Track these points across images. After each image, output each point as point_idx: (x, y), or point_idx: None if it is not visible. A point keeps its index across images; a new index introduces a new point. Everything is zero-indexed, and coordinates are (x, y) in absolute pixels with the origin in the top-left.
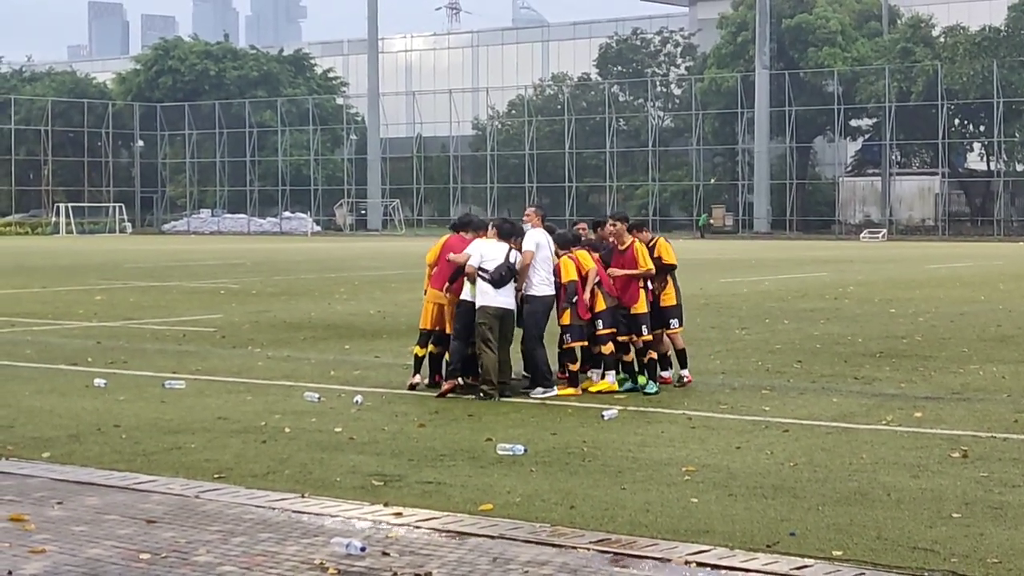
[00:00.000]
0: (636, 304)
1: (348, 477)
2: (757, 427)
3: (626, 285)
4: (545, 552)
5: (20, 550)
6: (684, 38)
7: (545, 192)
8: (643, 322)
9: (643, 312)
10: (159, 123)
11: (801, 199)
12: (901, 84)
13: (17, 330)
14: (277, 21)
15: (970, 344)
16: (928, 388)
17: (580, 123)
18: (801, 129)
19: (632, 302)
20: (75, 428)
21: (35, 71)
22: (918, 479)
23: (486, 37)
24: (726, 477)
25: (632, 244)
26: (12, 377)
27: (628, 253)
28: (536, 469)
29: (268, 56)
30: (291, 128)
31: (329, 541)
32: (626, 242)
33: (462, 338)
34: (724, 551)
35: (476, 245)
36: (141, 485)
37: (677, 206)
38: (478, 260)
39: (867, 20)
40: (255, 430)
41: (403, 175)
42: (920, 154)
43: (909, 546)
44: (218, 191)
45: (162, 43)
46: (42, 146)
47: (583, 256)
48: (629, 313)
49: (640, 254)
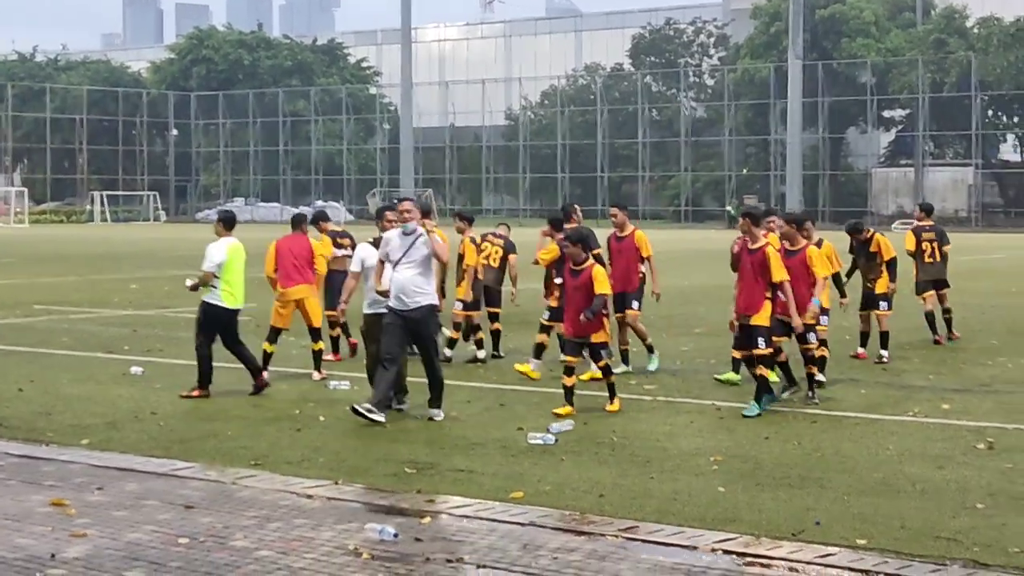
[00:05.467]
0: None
1: (381, 464)
2: (784, 418)
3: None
4: (574, 539)
5: (62, 534)
6: (717, 28)
7: (577, 182)
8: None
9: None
10: (193, 112)
11: (833, 190)
12: (934, 75)
13: (54, 318)
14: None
15: (1000, 336)
16: (956, 380)
17: (613, 113)
18: (834, 120)
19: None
20: (113, 416)
21: (70, 60)
22: (943, 470)
23: (519, 27)
24: (753, 467)
25: (633, 232)
26: (50, 365)
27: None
28: (566, 458)
29: (302, 46)
30: (324, 117)
31: (363, 527)
32: (799, 243)
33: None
34: (750, 539)
35: (360, 250)
36: (179, 471)
37: (710, 196)
38: (359, 266)
39: (901, 11)
40: (290, 418)
41: (436, 165)
42: (953, 145)
43: (932, 536)
44: (251, 180)
45: (196, 32)
46: (77, 135)
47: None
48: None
49: (641, 241)
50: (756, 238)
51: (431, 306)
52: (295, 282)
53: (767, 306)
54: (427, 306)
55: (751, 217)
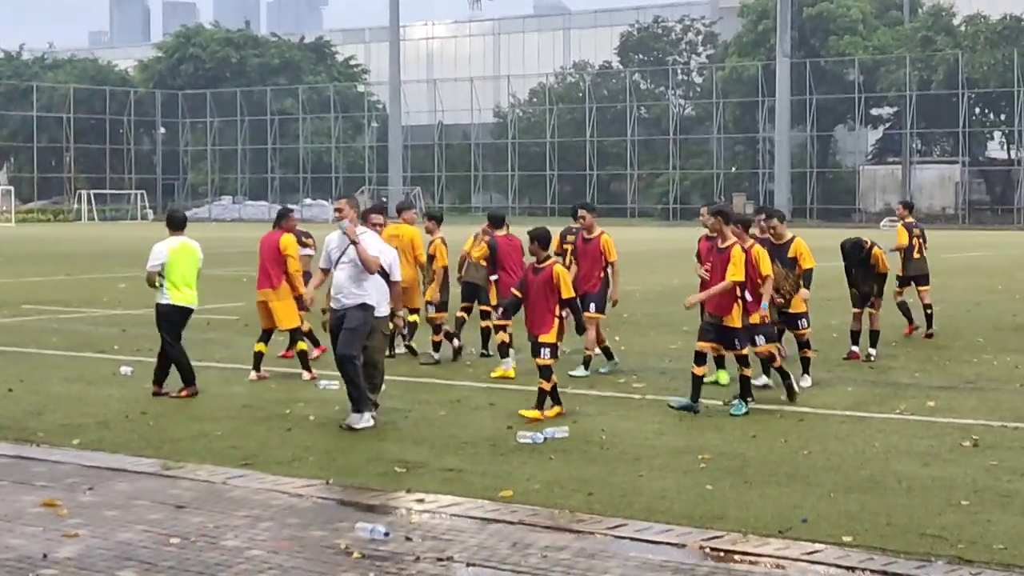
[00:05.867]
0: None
1: (371, 464)
2: (773, 416)
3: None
4: (564, 537)
5: (54, 534)
6: (705, 26)
7: (566, 180)
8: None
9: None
10: (181, 110)
11: (822, 187)
12: (922, 73)
13: (44, 318)
14: (298, 8)
15: (985, 334)
16: (942, 377)
17: (601, 111)
18: (822, 117)
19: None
20: (103, 415)
21: (56, 58)
22: (928, 467)
23: (507, 25)
24: (741, 464)
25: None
26: (40, 365)
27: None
28: (555, 457)
29: (289, 44)
30: (312, 116)
31: (353, 526)
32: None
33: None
34: (737, 536)
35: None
36: (169, 471)
37: (698, 194)
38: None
39: (888, 9)
40: (279, 418)
41: (424, 163)
42: (940, 143)
43: (918, 532)
44: (239, 178)
45: (183, 30)
46: (64, 133)
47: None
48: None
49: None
50: (726, 237)
51: (361, 305)
52: (260, 285)
53: (737, 307)
54: (357, 305)
55: (723, 215)
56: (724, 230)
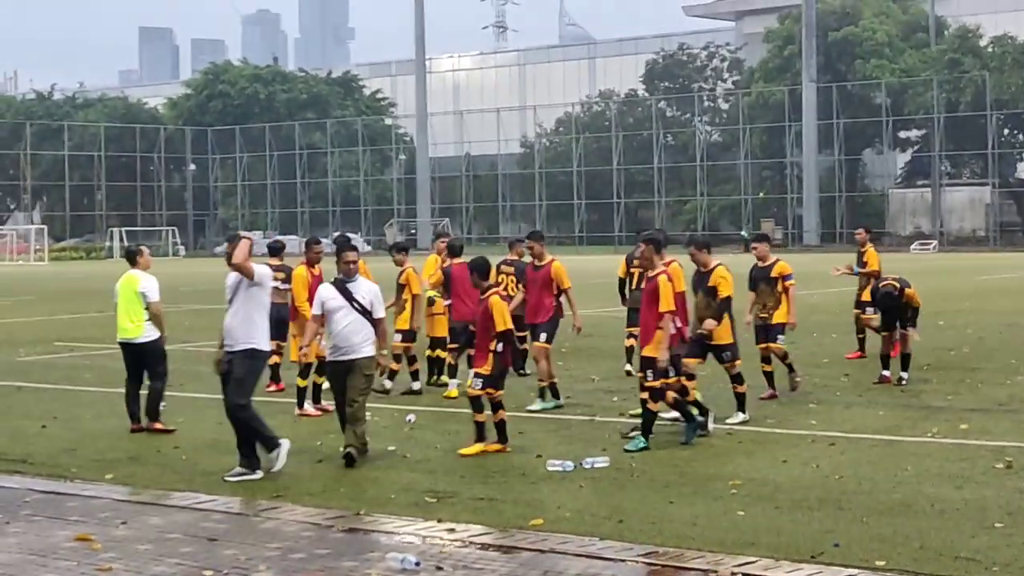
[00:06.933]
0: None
1: (402, 494)
2: (803, 440)
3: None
4: (594, 565)
5: (88, 568)
6: (730, 52)
7: (593, 208)
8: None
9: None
10: (210, 147)
11: (851, 211)
12: (949, 95)
13: (76, 355)
14: (325, 43)
15: (1018, 355)
16: (975, 400)
17: (627, 139)
18: (849, 141)
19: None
20: (135, 450)
21: (87, 97)
22: (961, 490)
23: (533, 55)
24: (772, 490)
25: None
26: (74, 402)
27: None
28: (585, 484)
29: (317, 78)
30: (340, 149)
31: (384, 556)
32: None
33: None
34: (770, 562)
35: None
36: (202, 504)
37: (726, 220)
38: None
39: (914, 31)
40: (310, 450)
41: (452, 194)
42: (970, 164)
43: (951, 556)
44: (269, 213)
45: (212, 67)
46: (95, 171)
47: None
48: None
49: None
50: (654, 266)
51: (250, 351)
52: (291, 317)
53: (658, 336)
54: (245, 352)
55: (654, 244)
56: (654, 259)
